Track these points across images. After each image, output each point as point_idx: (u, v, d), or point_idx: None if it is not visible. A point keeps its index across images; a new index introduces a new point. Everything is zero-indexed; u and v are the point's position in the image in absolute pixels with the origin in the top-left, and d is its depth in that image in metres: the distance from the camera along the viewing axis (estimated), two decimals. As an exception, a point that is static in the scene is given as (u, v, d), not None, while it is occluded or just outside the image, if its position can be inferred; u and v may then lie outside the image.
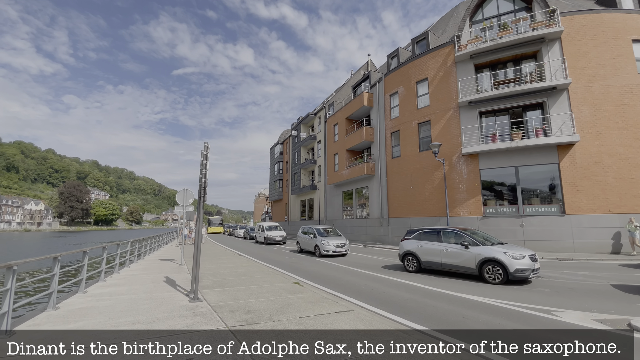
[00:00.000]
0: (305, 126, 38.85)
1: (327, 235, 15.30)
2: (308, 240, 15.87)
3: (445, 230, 9.75)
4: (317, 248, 14.80)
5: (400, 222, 20.57)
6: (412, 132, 20.26)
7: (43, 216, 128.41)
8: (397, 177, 21.12)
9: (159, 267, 11.89)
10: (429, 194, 18.91)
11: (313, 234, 15.52)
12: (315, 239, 15.03)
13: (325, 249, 14.29)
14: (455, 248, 9.10)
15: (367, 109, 24.40)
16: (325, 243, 14.31)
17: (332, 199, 29.86)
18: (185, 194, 12.96)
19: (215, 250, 19.65)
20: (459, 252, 8.95)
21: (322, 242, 14.43)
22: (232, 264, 12.71)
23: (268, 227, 25.60)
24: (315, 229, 15.73)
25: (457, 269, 9.07)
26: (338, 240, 14.65)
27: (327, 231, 15.97)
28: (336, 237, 15.15)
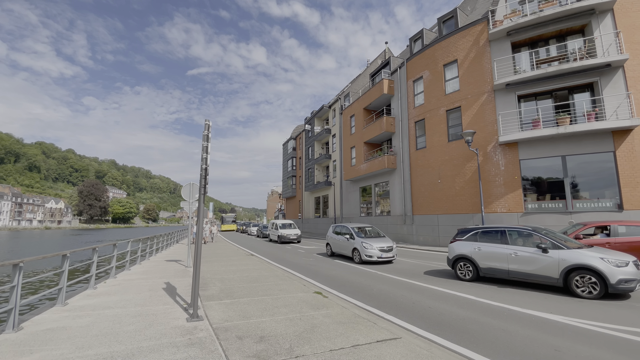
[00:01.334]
0: (319, 120, 37.26)
1: (366, 236, 12.64)
2: (343, 242, 13.17)
3: (512, 229, 7.96)
4: (356, 253, 12.13)
5: (427, 220, 18.77)
6: (440, 120, 18.38)
7: (63, 214, 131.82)
8: (422, 170, 19.30)
9: (162, 270, 10.59)
10: (460, 188, 17.04)
11: (349, 235, 12.75)
12: (354, 241, 12.35)
13: (367, 253, 11.53)
14: (527, 252, 7.33)
15: (387, 98, 22.59)
16: (368, 247, 11.61)
17: (348, 195, 28.23)
18: (191, 189, 11.63)
19: (226, 249, 18.39)
20: (534, 257, 7.18)
21: (363, 246, 11.71)
22: (243, 266, 11.32)
23: (282, 224, 24.22)
24: (351, 229, 12.91)
25: (531, 278, 7.30)
26: (383, 243, 11.84)
27: (366, 231, 13.28)
28: (379, 239, 12.34)
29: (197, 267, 5.69)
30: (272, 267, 11.43)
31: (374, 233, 13.36)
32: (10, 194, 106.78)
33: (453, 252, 8.98)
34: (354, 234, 12.60)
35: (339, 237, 13.69)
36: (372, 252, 11.55)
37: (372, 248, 11.62)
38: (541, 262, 7.07)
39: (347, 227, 13.41)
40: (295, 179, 44.95)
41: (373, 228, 13.58)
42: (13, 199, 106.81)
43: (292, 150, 45.90)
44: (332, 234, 14.42)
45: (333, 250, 14.19)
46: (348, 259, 13.14)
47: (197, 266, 5.70)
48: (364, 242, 11.88)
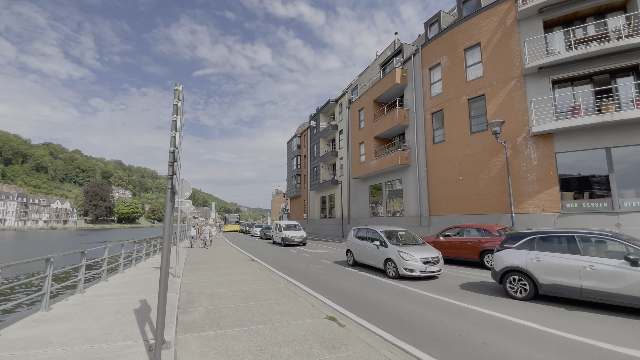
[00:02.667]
0: (325, 115, 35.55)
1: (401, 243, 10.13)
2: (370, 250, 10.68)
3: (585, 234, 6.18)
4: (390, 265, 9.61)
5: (446, 221, 16.95)
6: (461, 110, 16.56)
7: (69, 214, 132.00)
8: (440, 166, 17.49)
9: (145, 282, 8.99)
10: (484, 186, 15.21)
11: (380, 242, 10.27)
12: (386, 249, 9.87)
13: (407, 266, 9.05)
14: (610, 264, 5.57)
15: (400, 88, 20.81)
16: (408, 257, 9.12)
17: (356, 195, 26.48)
18: (180, 185, 9.99)
19: (225, 253, 16.78)
20: (621, 272, 5.41)
21: (401, 256, 9.21)
22: (240, 276, 9.67)
23: (286, 226, 22.57)
24: (381, 233, 10.47)
25: (615, 299, 5.52)
26: (426, 253, 9.34)
27: (398, 236, 10.72)
28: (419, 247, 9.85)
29: (162, 292, 4.04)
30: (274, 277, 9.76)
31: (408, 239, 10.84)
32: (16, 194, 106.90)
33: (501, 262, 7.21)
34: (386, 241, 10.14)
35: (364, 244, 11.23)
36: (413, 264, 9.07)
37: (414, 259, 9.11)
38: (631, 279, 5.29)
39: (375, 231, 10.88)
40: (300, 178, 43.31)
41: (407, 232, 11.27)
42: (19, 199, 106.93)
43: (297, 148, 44.26)
44: (355, 239, 11.91)
45: (356, 258, 11.74)
46: (376, 271, 10.70)
47: (162, 290, 4.04)
48: (402, 252, 9.34)
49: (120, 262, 10.46)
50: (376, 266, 10.52)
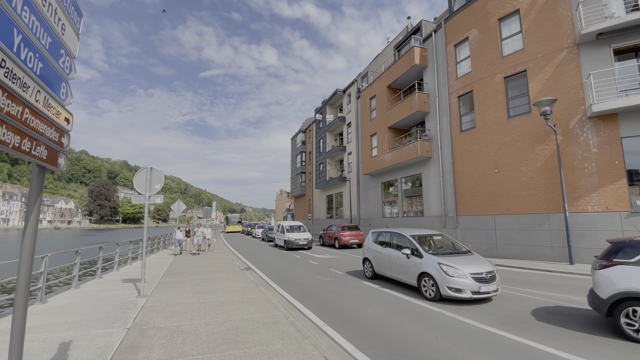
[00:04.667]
0: (332, 108, 33.08)
1: (441, 253, 7.56)
2: (399, 261, 8.06)
3: None
4: (427, 281, 7.14)
5: (477, 222, 14.38)
6: (495, 90, 13.98)
7: (73, 214, 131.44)
8: (470, 157, 14.91)
9: (96, 304, 6.63)
10: (527, 180, 12.62)
11: (412, 250, 7.70)
12: (420, 260, 7.35)
13: (453, 284, 6.58)
14: None
15: (418, 70, 18.26)
16: (453, 272, 6.66)
17: (367, 192, 23.96)
18: (149, 176, 7.65)
19: (218, 259, 14.42)
20: None
21: (443, 270, 6.75)
22: (227, 295, 7.27)
23: (289, 227, 20.17)
24: (411, 238, 7.92)
25: None
26: (478, 266, 6.86)
27: (432, 243, 8.29)
28: (465, 257, 7.34)
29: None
30: (271, 295, 7.33)
31: (446, 245, 8.27)
32: (20, 194, 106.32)
33: (612, 286, 4.70)
34: (419, 249, 7.55)
35: (387, 252, 8.65)
36: (461, 282, 6.58)
37: (462, 275, 6.62)
38: None
39: (403, 235, 8.32)
40: (305, 176, 40.89)
41: (444, 237, 8.67)
42: (22, 199, 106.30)
43: (301, 144, 41.84)
44: (375, 245, 9.34)
45: (376, 269, 9.17)
46: (405, 287, 8.18)
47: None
48: (445, 264, 6.83)
49: (74, 275, 8.11)
50: (405, 282, 8.00)
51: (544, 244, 12.03)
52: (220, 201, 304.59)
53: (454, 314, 6.09)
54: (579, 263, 11.03)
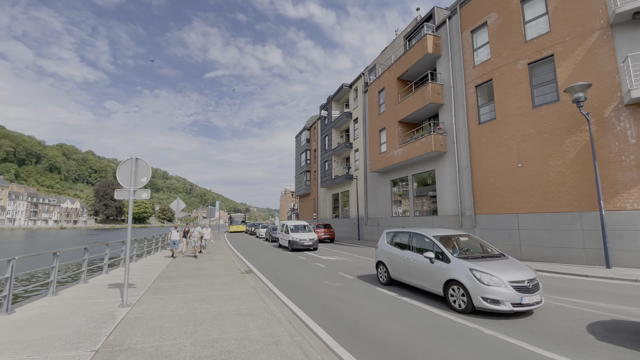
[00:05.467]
0: (338, 103, 32.02)
1: (470, 257, 6.41)
2: (420, 265, 6.97)
3: None
4: (455, 290, 6.11)
5: (498, 222, 13.23)
6: (518, 78, 12.83)
7: (79, 214, 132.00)
8: (489, 151, 13.78)
9: (69, 315, 5.69)
10: (556, 175, 11.46)
11: (437, 253, 6.62)
12: (447, 265, 6.29)
13: (489, 294, 5.55)
14: None
15: (431, 59, 17.14)
16: (488, 279, 5.64)
17: (375, 191, 22.88)
18: (134, 168, 6.69)
19: (217, 262, 13.47)
20: None
21: (475, 276, 5.74)
22: (222, 304, 6.29)
23: (293, 227, 19.18)
24: (434, 239, 6.87)
25: None
26: (517, 272, 5.81)
27: (457, 244, 7.17)
28: (499, 262, 6.26)
29: None
30: (273, 305, 6.34)
31: (474, 248, 7.19)
32: (26, 194, 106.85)
33: None
34: (446, 253, 6.46)
35: (405, 255, 7.52)
36: (498, 292, 5.51)
37: (499, 283, 5.57)
38: None
39: (424, 236, 7.23)
40: (310, 175, 39.89)
41: (470, 237, 7.56)
42: (29, 199, 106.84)
43: (306, 142, 40.85)
44: (391, 247, 8.27)
45: (392, 274, 8.10)
46: (427, 295, 7.12)
47: None
48: (478, 270, 5.77)
49: (52, 280, 7.18)
50: (427, 290, 6.93)
51: (576, 245, 10.87)
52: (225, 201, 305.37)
53: (493, 331, 5.03)
54: (617, 267, 9.87)
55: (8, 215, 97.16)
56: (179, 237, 14.60)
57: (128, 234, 6.60)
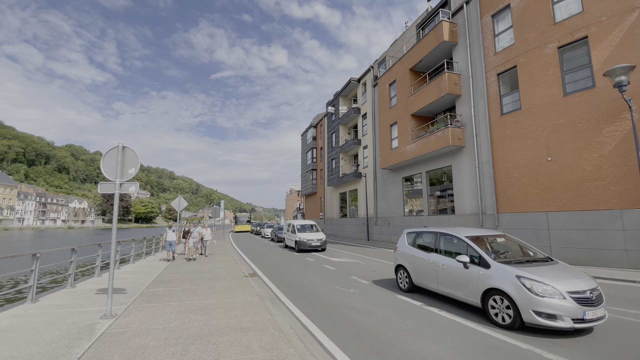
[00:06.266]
0: (345, 99, 31.03)
1: (511, 261, 5.43)
2: (451, 271, 6.01)
3: None
4: (497, 301, 5.12)
5: (524, 221, 12.13)
6: (546, 63, 11.72)
7: (86, 214, 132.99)
8: (514, 144, 12.68)
9: (32, 334, 4.83)
10: (592, 168, 10.35)
11: (473, 258, 5.65)
12: (486, 271, 5.31)
13: (544, 307, 4.55)
14: None
15: (447, 48, 16.07)
16: (541, 289, 4.65)
17: (386, 189, 21.86)
18: (120, 157, 5.83)
19: (219, 263, 12.62)
20: None
21: (524, 285, 4.75)
22: (222, 316, 5.39)
23: (300, 226, 18.27)
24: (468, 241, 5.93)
25: None
26: (576, 280, 4.84)
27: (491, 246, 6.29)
28: (550, 267, 5.31)
29: None
30: (280, 317, 5.42)
31: (513, 250, 6.16)
32: (35, 194, 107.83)
33: None
34: (484, 256, 5.47)
35: (432, 259, 6.53)
36: (554, 304, 4.53)
37: (554, 294, 4.60)
38: None
39: (455, 237, 6.28)
40: (316, 173, 38.95)
41: (507, 239, 6.50)
42: (37, 198, 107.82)
43: (312, 139, 39.91)
44: (413, 249, 7.30)
45: (415, 280, 7.09)
46: (458, 305, 6.16)
47: None
48: (527, 278, 4.80)
49: (30, 285, 6.36)
50: (460, 299, 5.93)
51: (616, 246, 9.75)
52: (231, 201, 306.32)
53: (555, 355, 4.03)
54: (666, 272, 8.74)
55: (17, 215, 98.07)
56: (176, 237, 13.18)
57: (113, 235, 5.72)
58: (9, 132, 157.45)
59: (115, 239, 5.69)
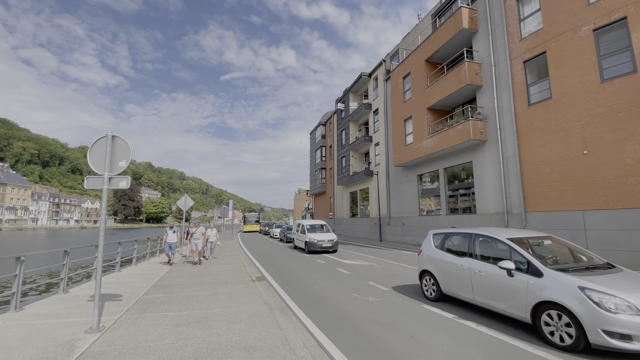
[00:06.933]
0: (356, 95, 30.14)
1: (566, 268, 4.53)
2: (490, 279, 5.14)
3: None
4: (553, 317, 4.23)
5: (557, 221, 11.08)
6: (580, 47, 10.66)
7: (99, 214, 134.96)
8: (543, 137, 11.62)
9: (16, 346, 4.16)
10: (635, 162, 9.27)
11: (519, 264, 4.77)
12: (539, 280, 4.42)
13: (618, 326, 3.66)
14: None
15: (466, 36, 15.08)
16: (612, 303, 3.78)
17: (399, 187, 20.91)
18: (109, 148, 5.13)
19: (225, 266, 11.94)
20: None
21: (590, 298, 3.88)
22: (225, 328, 4.64)
23: (310, 226, 17.50)
24: (511, 244, 5.06)
25: None
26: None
27: (534, 249, 5.29)
28: (624, 277, 4.39)
29: None
30: (292, 339, 4.63)
31: (563, 255, 5.19)
32: (48, 194, 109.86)
33: None
34: (535, 263, 4.60)
35: (467, 264, 5.65)
36: (630, 322, 3.65)
37: (630, 309, 3.72)
38: None
39: (494, 238, 5.42)
40: (325, 172, 38.13)
41: (555, 241, 5.58)
42: (51, 199, 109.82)
43: (321, 138, 39.12)
44: (441, 252, 6.43)
45: (444, 288, 6.21)
46: (500, 319, 5.25)
47: None
48: (593, 290, 3.93)
49: (14, 293, 5.73)
50: (503, 312, 5.04)
51: (666, 250, 8.67)
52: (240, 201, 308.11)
53: None
54: None
55: (31, 215, 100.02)
56: (177, 239, 11.88)
57: (100, 238, 5.01)
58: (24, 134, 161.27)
59: (103, 241, 4.99)
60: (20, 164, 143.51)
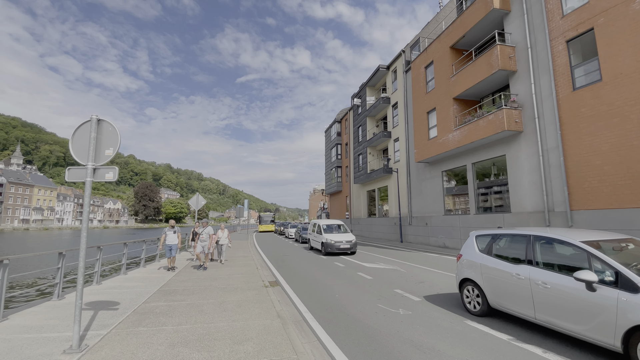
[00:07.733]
0: (373, 89, 28.96)
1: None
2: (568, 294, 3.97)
3: None
4: None
5: (610, 220, 9.65)
6: (636, 21, 9.20)
7: (120, 214, 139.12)
8: (592, 125, 10.20)
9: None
10: None
11: (602, 275, 3.72)
12: (633, 296, 3.36)
13: None
14: None
15: (497, 17, 13.74)
16: None
17: (422, 185, 19.66)
18: (94, 134, 4.37)
19: (237, 268, 11.17)
20: None
21: None
22: (228, 350, 3.78)
23: (326, 226, 16.57)
24: (592, 249, 3.95)
25: None
26: None
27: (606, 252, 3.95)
28: None
29: None
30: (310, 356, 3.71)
31: None
32: (73, 195, 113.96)
33: None
34: (626, 274, 3.46)
35: (526, 274, 4.56)
36: None
37: None
38: None
39: (564, 242, 4.31)
40: (341, 170, 37.09)
41: (638, 244, 4.38)
42: (75, 200, 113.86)
43: (337, 135, 38.10)
44: (489, 258, 5.35)
45: (492, 301, 5.17)
46: (573, 343, 4.12)
47: None
48: None
49: None
50: (578, 335, 3.93)
51: None
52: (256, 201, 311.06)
53: None
54: None
55: (57, 216, 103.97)
56: (178, 240, 10.27)
57: (81, 241, 4.23)
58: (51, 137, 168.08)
59: (85, 245, 4.22)
60: (47, 167, 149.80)
